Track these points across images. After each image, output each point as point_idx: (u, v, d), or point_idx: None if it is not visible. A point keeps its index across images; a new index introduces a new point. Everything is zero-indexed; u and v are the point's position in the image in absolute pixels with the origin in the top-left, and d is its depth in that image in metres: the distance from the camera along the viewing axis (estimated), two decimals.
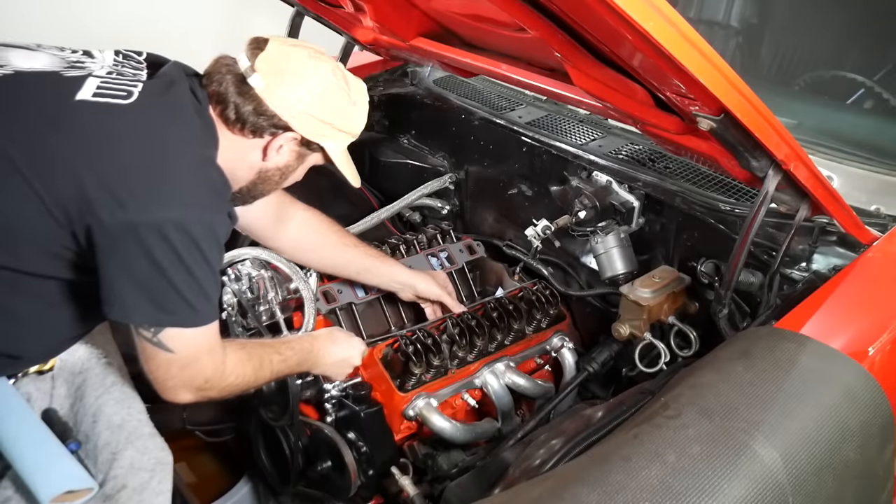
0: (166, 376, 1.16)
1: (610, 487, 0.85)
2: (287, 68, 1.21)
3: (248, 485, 1.82)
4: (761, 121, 1.02)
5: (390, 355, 1.53)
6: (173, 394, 1.19)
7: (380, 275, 1.67)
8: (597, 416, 1.15)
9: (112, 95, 1.13)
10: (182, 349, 1.14)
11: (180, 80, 1.21)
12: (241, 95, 1.20)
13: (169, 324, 1.11)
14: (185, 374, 1.17)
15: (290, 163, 1.31)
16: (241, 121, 1.22)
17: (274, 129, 1.23)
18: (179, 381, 1.18)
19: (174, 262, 1.08)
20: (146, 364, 1.16)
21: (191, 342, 1.15)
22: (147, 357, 1.15)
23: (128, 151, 1.10)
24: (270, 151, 1.26)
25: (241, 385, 1.27)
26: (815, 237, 1.32)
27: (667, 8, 0.86)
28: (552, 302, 1.69)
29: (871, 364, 1.06)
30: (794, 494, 0.88)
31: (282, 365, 1.35)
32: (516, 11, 1.11)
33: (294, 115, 1.22)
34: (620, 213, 1.61)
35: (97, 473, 1.20)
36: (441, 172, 2.15)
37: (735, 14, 2.08)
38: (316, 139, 1.28)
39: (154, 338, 1.11)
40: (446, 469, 1.42)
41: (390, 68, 2.34)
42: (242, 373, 1.26)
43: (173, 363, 1.15)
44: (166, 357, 1.14)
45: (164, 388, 1.18)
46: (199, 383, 1.19)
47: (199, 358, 1.17)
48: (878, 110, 1.73)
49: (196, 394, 1.20)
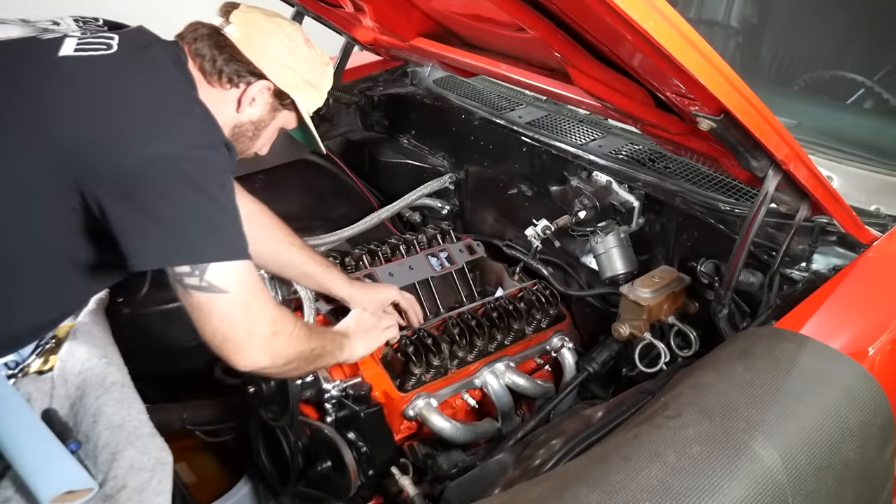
0: (232, 325, 1.10)
1: (610, 487, 0.85)
2: (259, 21, 1.28)
3: (248, 485, 1.83)
4: (761, 121, 1.02)
5: (390, 355, 1.53)
6: (247, 351, 1.12)
7: (319, 284, 1.59)
8: (597, 416, 1.15)
9: (93, 49, 1.14)
10: (235, 285, 1.09)
11: (155, 39, 1.25)
12: (216, 46, 1.25)
13: (209, 258, 1.06)
14: (249, 315, 1.11)
15: (263, 116, 1.33)
16: (218, 70, 1.25)
17: (249, 77, 1.27)
18: (247, 329, 1.11)
19: (192, 192, 1.06)
20: (207, 324, 1.10)
21: (241, 276, 1.10)
22: (205, 313, 1.09)
23: (121, 96, 1.10)
24: (244, 103, 1.28)
25: (303, 346, 1.23)
26: (815, 237, 1.32)
27: (667, 8, 0.86)
28: (552, 302, 1.69)
29: (871, 364, 1.06)
30: (793, 494, 0.88)
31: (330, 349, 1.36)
32: (516, 11, 1.11)
33: (268, 62, 1.27)
34: (620, 213, 1.61)
35: (97, 473, 1.20)
36: (441, 172, 2.15)
37: (735, 14, 2.08)
38: (289, 90, 1.31)
39: (202, 281, 1.06)
40: (446, 469, 1.42)
41: (390, 68, 2.34)
42: (299, 331, 1.22)
43: (234, 305, 1.09)
44: (224, 300, 1.08)
45: (235, 346, 1.11)
46: (268, 328, 1.14)
47: (255, 293, 1.13)
48: (878, 110, 1.73)
49: (268, 347, 1.14)
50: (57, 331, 1.43)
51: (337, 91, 2.25)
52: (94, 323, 1.47)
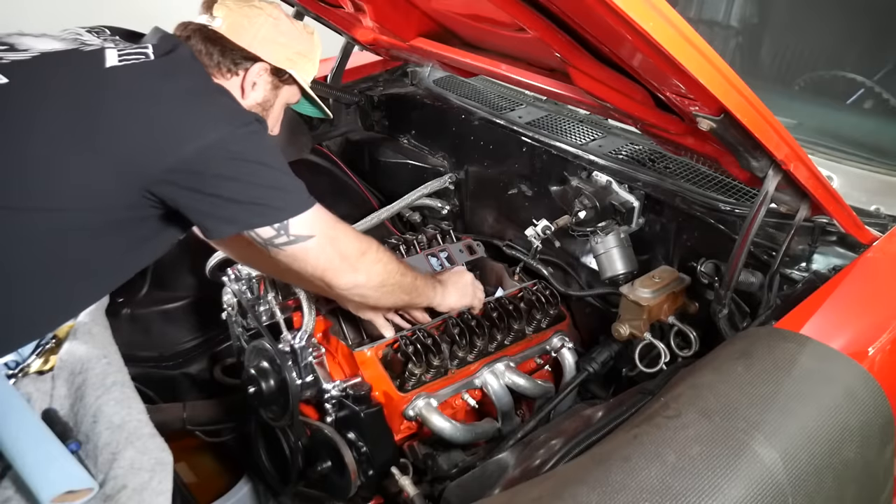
0: (327, 258, 1.24)
1: (610, 487, 0.85)
2: (240, 8, 1.35)
3: (248, 485, 1.83)
4: (761, 121, 1.02)
5: (390, 355, 1.53)
6: (345, 272, 1.27)
7: None
8: (597, 416, 1.15)
9: (134, 58, 1.20)
10: (317, 228, 1.22)
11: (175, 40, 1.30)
12: (209, 40, 1.34)
13: (287, 215, 1.18)
14: (337, 245, 1.26)
15: (267, 96, 1.41)
16: (217, 63, 1.34)
17: (245, 63, 1.35)
18: (339, 256, 1.26)
19: (250, 166, 1.16)
20: (307, 267, 1.24)
21: (318, 219, 1.23)
22: (301, 260, 1.22)
23: (168, 98, 1.17)
24: (247, 88, 1.37)
25: (391, 266, 1.36)
26: (815, 237, 1.32)
27: (667, 8, 0.86)
28: (552, 302, 1.69)
29: (871, 364, 1.06)
30: (793, 495, 0.88)
31: (423, 285, 1.47)
32: (516, 11, 1.11)
33: (259, 44, 1.35)
34: (620, 213, 1.61)
35: (97, 473, 1.20)
36: (441, 172, 2.15)
37: (735, 14, 2.08)
38: (284, 65, 1.38)
39: (289, 237, 1.19)
40: (446, 469, 1.42)
41: (390, 68, 2.34)
42: (384, 253, 1.35)
43: (323, 244, 1.23)
44: (314, 244, 1.21)
45: (334, 272, 1.26)
46: (355, 249, 1.28)
47: (335, 226, 1.26)
48: (878, 110, 1.73)
49: (360, 264, 1.29)
50: (57, 331, 1.43)
51: (337, 91, 2.25)
52: (94, 323, 1.48)
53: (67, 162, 1.12)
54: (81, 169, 1.12)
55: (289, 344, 1.50)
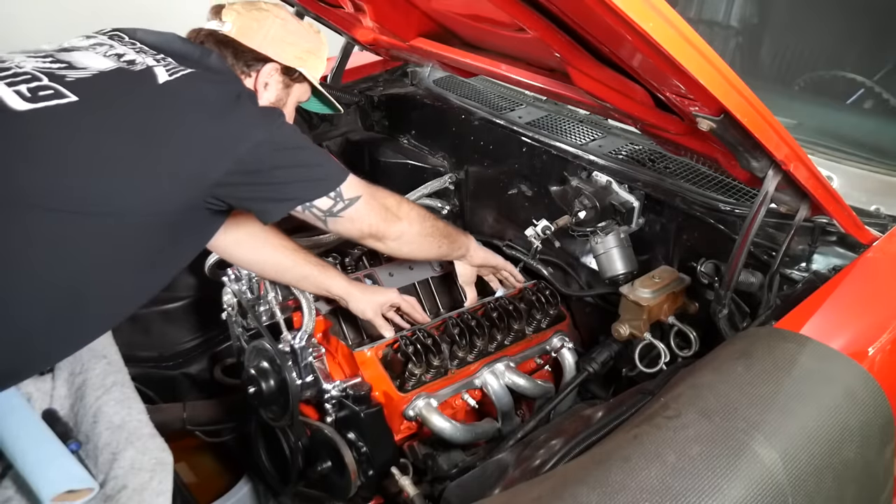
0: (376, 212, 1.38)
1: (610, 488, 0.85)
2: (248, 12, 1.41)
3: (248, 485, 1.83)
4: (761, 121, 1.02)
5: (390, 355, 1.53)
6: (391, 222, 1.40)
7: (316, 285, 1.61)
8: (597, 416, 1.15)
9: (180, 72, 1.25)
10: (360, 188, 1.35)
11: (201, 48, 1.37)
12: (221, 45, 1.39)
13: (336, 183, 1.31)
14: (379, 199, 1.39)
15: (279, 95, 1.46)
16: (231, 66, 1.39)
17: (257, 64, 1.41)
18: (384, 208, 1.39)
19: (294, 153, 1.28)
20: (362, 225, 1.37)
21: (357, 180, 1.35)
22: (357, 220, 1.35)
23: (218, 104, 1.24)
24: (259, 89, 1.42)
25: (423, 212, 1.49)
26: (815, 237, 1.32)
27: (666, 8, 0.86)
28: (552, 302, 1.69)
29: (871, 364, 1.06)
30: (793, 495, 0.88)
31: (456, 235, 1.60)
32: (516, 11, 1.11)
33: (269, 45, 1.40)
34: (620, 213, 1.61)
35: (98, 473, 1.21)
36: (441, 172, 2.14)
37: (735, 14, 2.08)
38: (294, 64, 1.43)
39: (344, 201, 1.31)
40: (446, 469, 1.42)
41: (390, 68, 2.34)
42: (411, 203, 1.48)
43: (370, 200, 1.36)
44: (362, 202, 1.34)
45: (384, 224, 1.39)
46: (392, 200, 1.42)
47: (370, 185, 1.38)
48: (878, 110, 1.73)
49: (401, 212, 1.42)
50: None
51: (337, 91, 2.24)
52: None
53: (136, 181, 1.16)
54: (152, 186, 1.18)
55: (289, 344, 1.50)
